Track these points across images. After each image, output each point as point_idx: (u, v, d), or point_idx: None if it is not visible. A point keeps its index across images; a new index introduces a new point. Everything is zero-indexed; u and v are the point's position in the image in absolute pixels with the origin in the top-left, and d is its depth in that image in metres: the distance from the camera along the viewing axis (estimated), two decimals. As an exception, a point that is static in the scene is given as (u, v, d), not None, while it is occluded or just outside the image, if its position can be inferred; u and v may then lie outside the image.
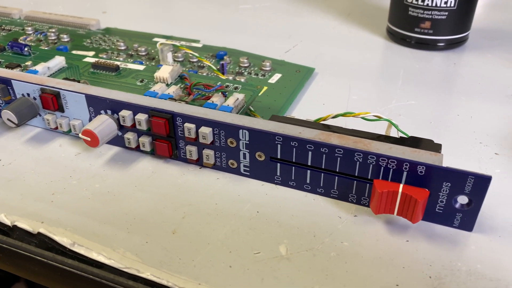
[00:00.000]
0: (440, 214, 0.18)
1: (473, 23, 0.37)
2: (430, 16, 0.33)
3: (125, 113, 0.22)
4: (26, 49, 0.30)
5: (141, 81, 0.26)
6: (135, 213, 0.19)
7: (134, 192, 0.21)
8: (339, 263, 0.17)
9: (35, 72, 0.26)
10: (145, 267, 0.17)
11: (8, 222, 0.19)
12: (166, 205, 0.20)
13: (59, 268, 0.17)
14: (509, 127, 0.25)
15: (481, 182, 0.17)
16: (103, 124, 0.22)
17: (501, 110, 0.27)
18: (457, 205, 0.18)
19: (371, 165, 0.18)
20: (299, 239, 0.18)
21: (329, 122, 0.22)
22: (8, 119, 0.23)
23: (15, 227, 0.19)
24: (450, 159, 0.20)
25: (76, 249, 0.17)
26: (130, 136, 0.22)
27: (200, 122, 0.21)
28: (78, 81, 0.24)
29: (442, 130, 0.25)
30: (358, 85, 0.30)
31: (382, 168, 0.18)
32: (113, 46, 0.34)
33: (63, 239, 0.18)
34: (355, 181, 0.19)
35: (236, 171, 0.21)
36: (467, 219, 0.18)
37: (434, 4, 0.33)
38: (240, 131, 0.20)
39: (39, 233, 0.18)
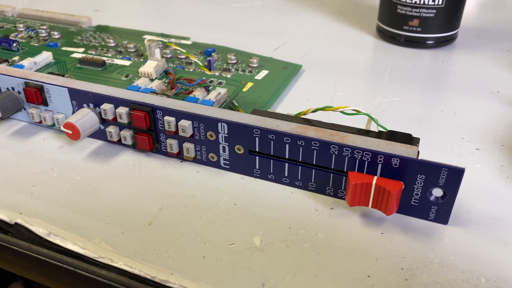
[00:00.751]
0: (415, 207, 0.18)
1: (463, 21, 0.37)
2: (418, 14, 0.33)
3: (107, 107, 0.22)
4: (14, 44, 0.30)
5: (126, 76, 0.27)
6: (113, 205, 0.19)
7: (114, 185, 0.21)
8: (312, 254, 0.17)
9: (21, 66, 0.26)
10: (118, 256, 0.17)
11: (-14, 212, 0.19)
12: (144, 197, 0.20)
13: (35, 258, 0.17)
14: (492, 123, 0.25)
15: (455, 175, 0.17)
16: (85, 117, 0.22)
17: (486, 107, 0.27)
18: (432, 198, 0.18)
19: (346, 157, 0.18)
20: (274, 230, 0.18)
21: (311, 116, 0.22)
22: (-8, 113, 0.23)
23: (-7, 217, 0.19)
24: (430, 154, 0.20)
25: (52, 239, 0.18)
26: (112, 129, 0.22)
27: (180, 115, 0.21)
28: (63, 75, 0.24)
29: (425, 126, 0.25)
30: (345, 81, 0.30)
31: (357, 160, 0.18)
32: (103, 43, 0.34)
33: (39, 229, 0.18)
34: (331, 174, 0.19)
35: (216, 165, 0.22)
36: (442, 212, 0.18)
37: (422, 2, 0.33)
38: (219, 124, 0.20)
39: (16, 224, 0.18)
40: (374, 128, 0.21)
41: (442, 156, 0.19)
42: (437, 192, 0.18)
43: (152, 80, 0.26)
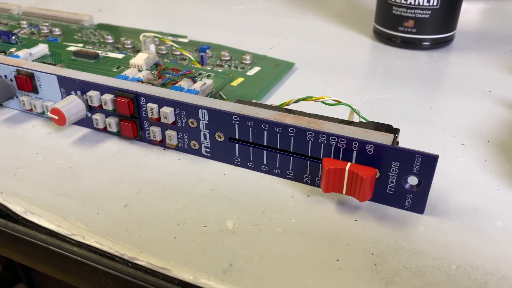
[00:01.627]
0: (391, 195, 0.18)
1: (462, 25, 0.37)
2: (413, 15, 0.33)
3: (93, 93, 0.22)
4: (13, 37, 0.31)
5: (118, 68, 0.27)
6: (92, 188, 0.20)
7: (95, 169, 0.21)
8: (283, 238, 0.17)
9: (17, 56, 0.27)
10: (91, 235, 0.17)
11: (-33, 190, 0.19)
12: (124, 181, 0.20)
13: (10, 235, 0.18)
14: (480, 120, 0.25)
15: (429, 161, 0.17)
16: (71, 103, 0.22)
17: (476, 105, 0.27)
18: (407, 186, 0.18)
19: (322, 144, 0.18)
20: (248, 215, 0.18)
21: (295, 107, 0.22)
22: (-16, 99, 0.24)
23: (-26, 196, 0.19)
24: (412, 147, 0.19)
25: (28, 216, 0.18)
26: (98, 117, 0.23)
27: (162, 102, 0.21)
28: (55, 65, 0.25)
29: (411, 121, 0.25)
30: (336, 79, 0.30)
31: (333, 147, 0.18)
32: (101, 40, 0.35)
33: (17, 207, 0.18)
34: (308, 161, 0.19)
35: (198, 153, 0.22)
36: (417, 201, 0.18)
37: (417, 3, 0.33)
38: (200, 110, 0.20)
39: (-5, 202, 0.19)
40: (356, 119, 0.21)
41: (425, 150, 0.19)
42: (412, 180, 0.18)
43: (141, 71, 0.26)
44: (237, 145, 0.21)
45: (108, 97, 0.22)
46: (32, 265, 0.18)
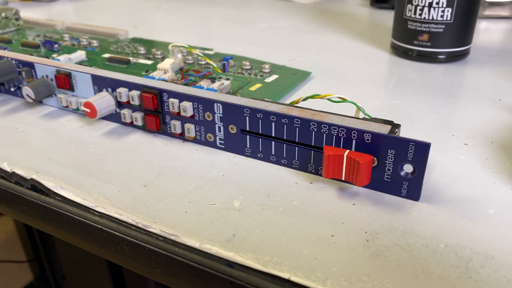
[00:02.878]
0: (388, 183, 0.19)
1: (481, 42, 0.38)
2: (428, 29, 0.35)
3: (122, 90, 0.25)
4: (56, 45, 0.34)
5: (146, 71, 0.30)
6: (116, 170, 0.22)
7: (120, 156, 0.23)
8: (284, 216, 0.18)
9: (57, 60, 0.30)
10: (111, 207, 0.19)
11: (8, 169, 0.22)
12: (145, 166, 0.22)
13: (42, 206, 0.20)
14: (486, 124, 0.26)
15: (422, 149, 0.18)
16: (102, 98, 0.25)
17: (484, 111, 0.27)
18: (403, 173, 0.19)
19: (324, 134, 0.20)
20: (253, 196, 0.20)
21: (305, 105, 0.23)
22: (27, 95, 0.27)
23: (13, 173, 0.22)
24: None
25: (58, 191, 0.20)
26: (125, 112, 0.25)
27: (182, 97, 0.23)
28: (89, 67, 0.28)
29: (418, 124, 0.26)
30: (349, 87, 0.31)
31: (334, 137, 0.20)
32: (134, 51, 0.38)
33: (49, 183, 0.20)
34: (312, 151, 0.21)
35: (213, 144, 0.24)
36: (413, 188, 0.19)
37: (431, 18, 0.34)
38: (215, 104, 0.22)
39: (31, 179, 0.21)
40: (361, 117, 0.23)
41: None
42: (408, 168, 0.19)
43: (166, 73, 0.28)
44: (248, 136, 0.22)
45: (135, 93, 0.24)
46: (58, 234, 0.21)
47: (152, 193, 0.20)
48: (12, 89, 0.30)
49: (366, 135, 0.19)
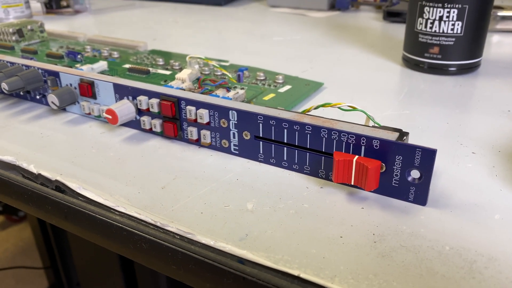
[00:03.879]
0: (396, 188, 0.20)
1: (493, 55, 0.39)
2: (438, 42, 0.36)
3: (142, 98, 0.26)
4: (79, 56, 0.36)
5: (165, 81, 0.31)
6: (136, 173, 0.23)
7: (139, 160, 0.24)
8: (295, 218, 0.19)
9: (81, 70, 0.31)
10: (131, 207, 0.20)
11: (34, 171, 0.23)
12: (163, 169, 0.23)
13: (65, 206, 0.21)
14: (494, 134, 0.26)
15: (428, 155, 0.19)
16: (123, 106, 0.26)
17: (493, 122, 0.28)
18: (410, 179, 0.20)
19: (334, 140, 0.21)
20: (266, 199, 0.21)
21: (316, 114, 0.24)
22: (52, 102, 0.28)
23: (39, 175, 0.23)
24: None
25: (81, 191, 0.21)
26: (145, 118, 0.26)
27: (199, 104, 0.24)
28: (111, 76, 0.29)
29: (427, 133, 0.27)
30: (361, 97, 0.32)
31: (344, 143, 0.21)
32: (153, 62, 0.39)
33: (73, 185, 0.22)
34: (322, 157, 0.22)
35: (228, 150, 0.25)
36: (420, 193, 0.20)
37: (441, 31, 0.35)
38: (230, 112, 0.23)
39: (56, 180, 0.22)
40: (370, 125, 0.23)
41: (437, 156, 0.21)
42: (415, 173, 0.20)
43: (183, 83, 0.30)
44: (261, 142, 0.23)
45: (154, 101, 0.25)
46: (80, 233, 0.22)
47: (170, 194, 0.21)
48: (38, 97, 0.31)
49: (374, 141, 0.20)
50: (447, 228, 0.18)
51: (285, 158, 0.23)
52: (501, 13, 0.50)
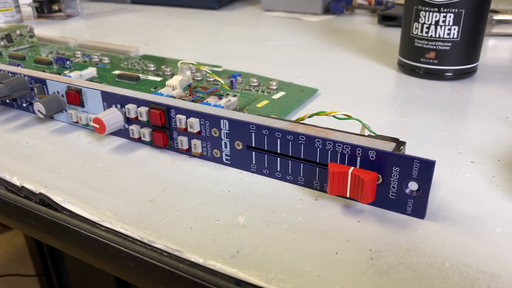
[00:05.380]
0: (393, 200, 0.19)
1: (489, 60, 0.38)
2: (434, 47, 0.35)
3: (130, 106, 0.25)
4: (68, 62, 0.35)
5: (155, 88, 0.30)
6: (123, 185, 0.22)
7: (127, 171, 0.23)
8: (288, 233, 0.18)
9: (69, 77, 0.31)
10: (117, 222, 0.19)
11: (17, 183, 0.22)
12: (151, 181, 0.22)
13: (49, 220, 0.20)
14: (493, 142, 0.26)
15: (426, 166, 0.18)
16: (111, 114, 0.25)
17: (491, 129, 0.27)
18: (408, 191, 0.19)
19: (329, 151, 0.20)
20: (258, 212, 0.20)
21: (310, 122, 0.24)
22: (39, 110, 0.27)
23: (23, 187, 0.22)
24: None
25: (66, 205, 0.20)
26: (133, 127, 0.26)
27: (189, 113, 0.23)
28: (100, 83, 0.28)
29: (424, 141, 0.26)
30: (356, 103, 0.32)
31: (339, 154, 0.20)
32: (144, 68, 0.38)
33: (57, 198, 0.21)
34: (317, 168, 0.21)
35: (219, 160, 0.24)
36: (418, 206, 0.19)
37: (437, 35, 0.34)
38: (221, 121, 0.23)
39: (40, 193, 0.21)
40: (366, 134, 0.23)
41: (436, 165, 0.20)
42: (413, 185, 0.19)
43: (174, 90, 0.29)
44: (253, 153, 0.23)
45: (143, 109, 0.25)
46: (64, 248, 0.21)
47: (158, 208, 0.20)
48: (24, 105, 0.30)
49: (370, 152, 0.19)
50: (447, 243, 0.18)
51: (278, 169, 0.22)
52: (496, 16, 0.49)
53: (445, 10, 0.33)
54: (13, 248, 1.18)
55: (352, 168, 0.19)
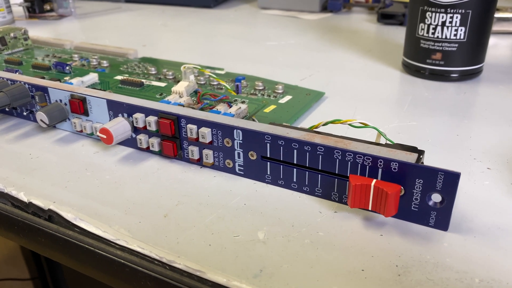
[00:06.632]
0: (416, 212, 0.19)
1: (492, 59, 0.38)
2: (441, 48, 0.35)
3: (138, 116, 0.24)
4: (67, 68, 0.34)
5: (160, 95, 0.29)
6: (135, 199, 0.21)
7: (138, 184, 0.23)
8: (311, 249, 0.18)
9: (70, 83, 0.30)
10: (133, 240, 0.19)
11: (25, 199, 0.21)
12: (164, 194, 0.22)
13: (61, 239, 0.19)
14: (506, 146, 0.25)
15: (451, 179, 0.18)
16: (118, 124, 0.24)
17: (504, 132, 0.27)
18: (431, 203, 0.19)
19: (349, 162, 0.20)
20: (277, 227, 0.19)
21: (323, 130, 0.23)
22: (41, 120, 0.27)
23: (30, 203, 0.21)
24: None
25: (77, 222, 0.20)
26: (141, 137, 0.25)
27: (201, 123, 0.23)
28: (104, 91, 0.27)
29: (438, 147, 0.26)
30: (364, 107, 0.31)
31: (359, 165, 0.19)
32: (145, 71, 0.38)
33: (68, 215, 0.20)
34: (336, 179, 0.20)
35: (232, 171, 0.23)
36: (441, 218, 0.19)
37: (444, 36, 0.34)
38: (235, 131, 0.22)
39: (49, 210, 0.21)
40: (383, 142, 0.22)
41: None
42: (436, 197, 0.18)
43: (181, 97, 0.28)
44: (268, 163, 0.22)
45: (152, 118, 0.24)
46: (78, 268, 0.20)
47: (173, 224, 0.20)
48: (25, 113, 0.29)
49: (393, 164, 0.19)
50: (473, 257, 0.17)
51: (294, 180, 0.22)
52: (497, 14, 0.49)
53: (452, 11, 0.33)
54: (6, 250, 1.16)
55: (374, 180, 0.19)
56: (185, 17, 0.62)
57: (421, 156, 0.20)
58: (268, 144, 0.21)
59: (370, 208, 0.19)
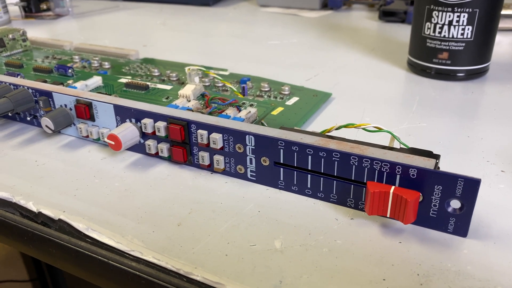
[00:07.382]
0: (434, 219, 0.19)
1: (497, 57, 0.38)
2: (448, 47, 0.34)
3: (147, 121, 0.24)
4: (70, 70, 0.33)
5: (167, 98, 0.29)
6: (146, 208, 0.21)
7: (148, 191, 0.22)
8: (330, 258, 0.18)
9: (74, 88, 0.29)
10: (148, 251, 0.18)
11: (34, 209, 0.21)
12: (176, 202, 0.21)
13: (73, 250, 0.19)
14: (519, 148, 0.25)
15: (471, 185, 0.17)
16: (127, 130, 0.24)
17: (514, 133, 0.27)
18: (450, 209, 0.18)
19: (366, 168, 0.19)
20: (294, 235, 0.19)
21: (335, 134, 0.23)
22: (46, 126, 0.26)
23: (40, 213, 0.21)
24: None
25: (90, 233, 0.19)
26: (150, 142, 0.24)
27: (211, 128, 0.22)
28: (109, 95, 0.27)
29: (449, 149, 0.25)
30: (372, 109, 0.31)
31: (377, 171, 0.19)
32: (148, 73, 0.37)
33: (79, 225, 0.20)
34: (352, 185, 0.20)
35: (244, 176, 0.23)
36: (460, 224, 0.18)
37: (451, 36, 0.34)
38: (247, 136, 0.22)
39: (59, 220, 0.20)
40: (396, 146, 0.22)
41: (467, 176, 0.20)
42: (455, 203, 0.18)
43: (189, 101, 0.28)
44: (281, 169, 0.22)
45: (161, 124, 0.23)
46: (92, 280, 0.20)
47: (187, 233, 0.19)
48: (28, 118, 0.29)
49: (411, 170, 0.18)
50: (494, 264, 0.17)
51: (308, 186, 0.21)
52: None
53: (459, 10, 0.33)
54: (4, 250, 1.15)
55: (393, 187, 0.18)
56: (183, 16, 0.61)
57: (437, 161, 0.19)
58: (281, 150, 0.21)
59: (388, 215, 0.19)
